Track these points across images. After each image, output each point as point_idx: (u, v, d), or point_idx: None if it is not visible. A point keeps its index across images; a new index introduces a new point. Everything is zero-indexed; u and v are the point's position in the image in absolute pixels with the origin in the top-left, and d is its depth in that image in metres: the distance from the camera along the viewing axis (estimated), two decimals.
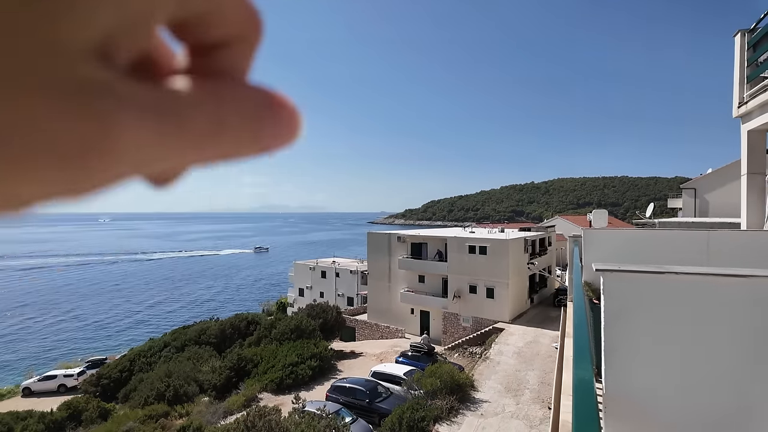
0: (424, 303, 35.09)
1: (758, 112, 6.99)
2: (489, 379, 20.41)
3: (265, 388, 23.57)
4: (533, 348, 24.81)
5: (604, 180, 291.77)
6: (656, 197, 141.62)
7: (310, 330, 29.75)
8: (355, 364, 27.76)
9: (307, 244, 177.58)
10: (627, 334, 1.88)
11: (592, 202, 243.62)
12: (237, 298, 77.24)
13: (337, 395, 20.49)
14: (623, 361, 1.87)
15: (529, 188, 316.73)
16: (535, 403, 17.83)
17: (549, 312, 33.35)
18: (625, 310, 1.87)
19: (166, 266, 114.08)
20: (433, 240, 35.98)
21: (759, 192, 7.30)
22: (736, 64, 7.57)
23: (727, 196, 25.34)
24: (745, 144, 7.46)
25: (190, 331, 36.84)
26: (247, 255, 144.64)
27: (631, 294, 1.88)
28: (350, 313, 40.79)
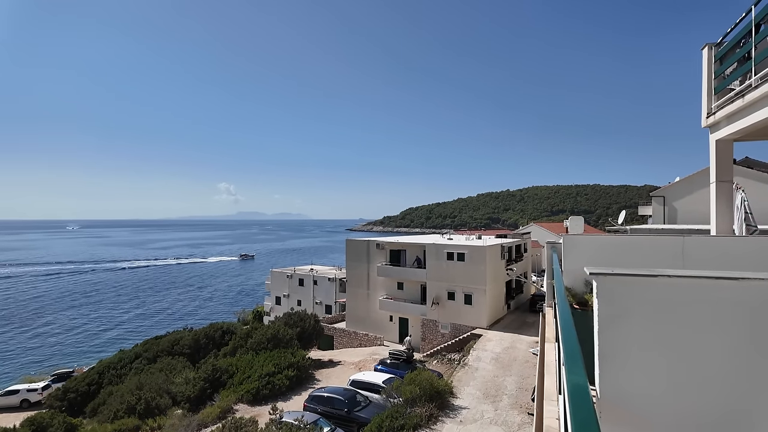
0: (402, 310, 35.04)
1: (725, 123, 7.29)
2: (468, 386, 20.45)
3: (241, 399, 23.00)
4: (511, 353, 25.03)
5: (576, 188, 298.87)
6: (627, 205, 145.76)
7: (288, 339, 29.25)
8: (334, 372, 27.42)
9: (287, 252, 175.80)
10: (621, 338, 1.89)
11: (566, 209, 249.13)
12: (211, 307, 75.49)
13: (315, 405, 20.16)
14: (618, 366, 1.88)
15: (504, 196, 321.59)
16: (513, 408, 17.94)
17: (525, 317, 33.79)
18: (620, 314, 1.89)
19: (140, 275, 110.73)
20: (411, 247, 36.05)
21: (727, 199, 7.60)
22: (704, 76, 7.89)
23: (693, 203, 26.34)
24: (714, 153, 7.76)
25: (162, 341, 35.74)
26: (232, 262, 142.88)
27: (625, 298, 1.89)
28: (328, 321, 40.37)
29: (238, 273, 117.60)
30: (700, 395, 1.84)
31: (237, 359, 27.80)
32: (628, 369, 1.91)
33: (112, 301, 79.25)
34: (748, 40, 6.51)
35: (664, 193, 29.24)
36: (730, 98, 7.11)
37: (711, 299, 1.82)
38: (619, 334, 1.93)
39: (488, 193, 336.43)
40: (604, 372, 1.94)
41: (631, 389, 1.90)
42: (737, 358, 1.81)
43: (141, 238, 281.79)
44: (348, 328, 37.51)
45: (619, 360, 1.92)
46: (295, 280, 50.43)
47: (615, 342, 1.93)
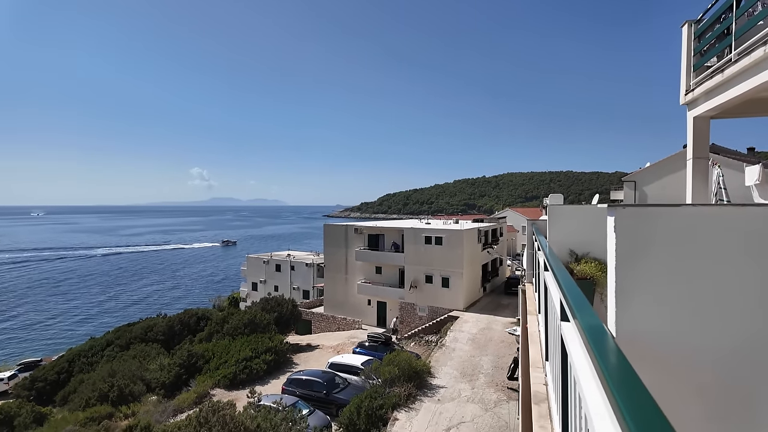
0: (381, 294, 35.15)
1: (703, 99, 7.38)
2: (445, 366, 20.73)
3: (217, 384, 22.74)
4: (487, 334, 25.48)
5: (550, 174, 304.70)
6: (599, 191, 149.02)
7: (265, 324, 28.97)
8: (312, 356, 27.38)
9: (266, 238, 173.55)
10: (640, 273, 1.81)
11: (539, 195, 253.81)
12: (186, 294, 74.16)
13: (294, 388, 20.10)
14: (636, 302, 1.81)
15: (480, 182, 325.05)
16: (489, 386, 18.29)
17: (501, 300, 34.43)
18: (638, 248, 1.80)
19: (112, 263, 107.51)
20: (390, 231, 36.06)
21: (703, 176, 7.75)
22: (683, 54, 7.95)
23: (663, 188, 27.06)
24: (691, 130, 7.88)
25: (135, 328, 34.91)
26: (213, 248, 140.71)
27: (645, 231, 1.81)
28: (306, 306, 40.19)
29: (213, 259, 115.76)
30: (721, 328, 1.78)
31: (213, 345, 27.42)
32: (649, 306, 1.83)
33: (82, 289, 76.85)
34: (728, 15, 6.56)
35: (635, 178, 29.93)
36: (709, 74, 7.19)
37: (737, 229, 1.76)
38: (638, 269, 1.85)
39: (465, 180, 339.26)
40: (622, 311, 1.85)
41: (649, 325, 1.83)
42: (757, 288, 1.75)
43: (111, 225, 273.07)
44: (326, 313, 37.46)
45: (639, 297, 1.84)
46: (272, 266, 49.91)
47: (633, 277, 1.85)
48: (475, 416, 15.73)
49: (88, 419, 20.76)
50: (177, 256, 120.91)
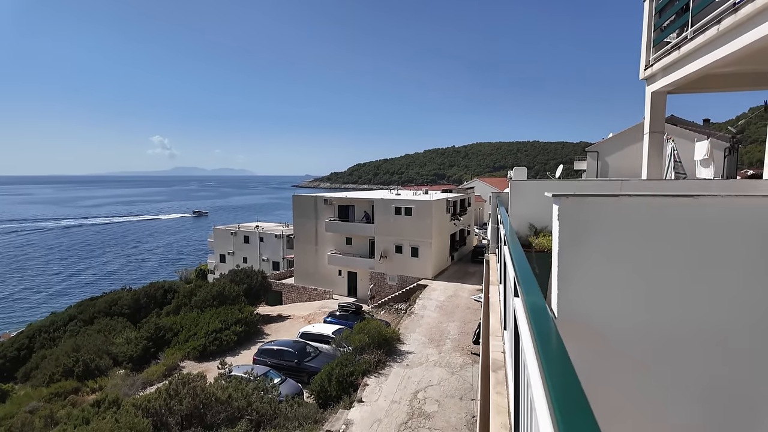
0: (351, 264, 35.43)
1: (661, 75, 7.62)
2: (414, 332, 21.36)
3: (187, 356, 22.69)
4: (454, 301, 26.29)
5: (517, 144, 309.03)
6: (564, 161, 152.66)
7: (234, 296, 28.82)
8: (283, 327, 27.59)
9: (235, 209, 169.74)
10: (580, 258, 1.94)
11: (507, 165, 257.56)
12: (150, 267, 72.44)
13: (265, 358, 20.31)
14: (576, 285, 1.95)
15: (450, 152, 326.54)
16: (455, 351, 19.04)
17: (468, 268, 35.39)
18: (579, 234, 1.93)
19: (72, 236, 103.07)
20: (360, 202, 36.02)
21: (658, 149, 8.09)
22: (644, 29, 8.12)
23: (624, 158, 28.03)
24: (649, 104, 8.16)
25: (99, 302, 34.04)
26: (184, 219, 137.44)
27: (585, 218, 1.94)
28: (276, 277, 40.10)
29: (180, 231, 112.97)
30: (654, 309, 1.97)
31: (181, 317, 27.16)
32: (586, 287, 1.99)
33: (41, 263, 73.75)
34: None
35: (598, 149, 30.81)
36: (666, 51, 7.39)
37: (667, 217, 1.91)
38: (578, 254, 1.98)
39: (434, 150, 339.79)
40: (563, 292, 2.00)
41: (588, 308, 1.99)
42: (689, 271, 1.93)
43: (68, 195, 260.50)
44: (296, 284, 37.55)
45: (578, 280, 1.99)
46: (240, 238, 49.22)
47: (574, 262, 1.99)
48: (441, 379, 16.41)
49: (53, 395, 20.42)
50: (143, 228, 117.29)
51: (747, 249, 1.90)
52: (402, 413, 14.10)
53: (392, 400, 14.99)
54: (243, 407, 14.46)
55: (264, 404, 14.79)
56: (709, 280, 1.93)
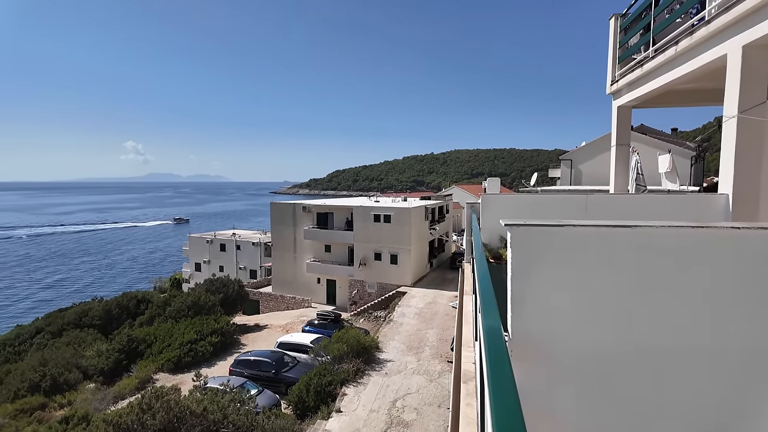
0: (330, 272, 35.28)
1: (626, 90, 7.94)
2: (392, 340, 21.39)
3: (161, 368, 22.13)
4: (432, 308, 26.44)
5: (494, 152, 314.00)
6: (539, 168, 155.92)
7: (210, 305, 28.28)
8: (260, 336, 27.22)
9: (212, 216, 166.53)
10: (531, 283, 2.06)
11: (484, 172, 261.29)
12: (123, 276, 70.49)
13: (242, 369, 19.99)
14: (528, 308, 2.06)
15: (429, 159, 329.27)
16: (434, 358, 19.14)
17: (446, 274, 35.68)
18: (530, 261, 2.05)
19: (40, 245, 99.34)
20: (339, 209, 35.97)
21: (624, 161, 8.41)
22: (610, 46, 8.47)
23: (596, 166, 28.84)
24: (615, 118, 8.48)
25: (68, 313, 32.91)
26: (165, 226, 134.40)
27: (535, 246, 2.06)
28: (253, 286, 39.56)
29: (157, 239, 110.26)
30: (599, 330, 2.11)
31: (155, 328, 26.49)
32: (537, 310, 2.11)
33: (5, 274, 70.76)
34: (648, 13, 7.04)
35: (572, 157, 31.63)
36: (631, 67, 7.72)
37: (608, 245, 2.06)
38: (529, 279, 2.10)
39: (414, 156, 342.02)
40: (516, 314, 2.11)
41: (539, 330, 2.11)
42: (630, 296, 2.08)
43: (36, 203, 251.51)
44: (274, 292, 37.11)
45: (529, 302, 2.11)
46: (216, 246, 48.40)
47: (525, 286, 2.11)
48: (420, 387, 16.47)
49: (18, 411, 19.59)
50: (120, 236, 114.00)
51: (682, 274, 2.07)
52: (381, 422, 14.09)
53: (371, 409, 14.96)
54: (219, 420, 14.17)
55: (240, 416, 14.53)
56: (648, 304, 2.08)
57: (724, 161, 5.20)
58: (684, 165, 25.04)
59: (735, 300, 2.07)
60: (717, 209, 5.17)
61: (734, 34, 4.98)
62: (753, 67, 4.85)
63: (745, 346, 2.09)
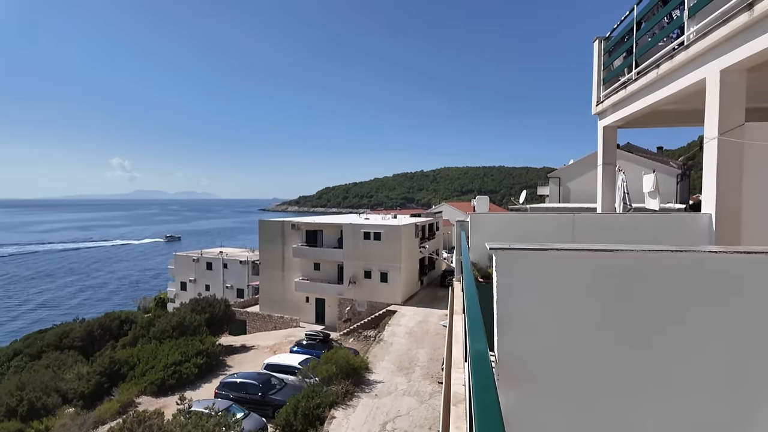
0: (319, 291, 34.93)
1: (611, 111, 8.11)
2: (383, 360, 21.10)
3: (143, 391, 21.51)
4: (423, 327, 26.24)
5: (484, 169, 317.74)
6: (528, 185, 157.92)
7: (195, 326, 27.73)
8: (247, 357, 26.68)
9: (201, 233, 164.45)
10: (516, 306, 2.07)
11: (474, 189, 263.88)
12: (107, 296, 68.98)
13: (227, 391, 19.52)
14: (514, 332, 2.06)
15: (418, 176, 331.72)
16: (425, 379, 18.90)
17: (437, 292, 35.54)
18: (515, 284, 2.06)
19: (20, 264, 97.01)
20: (328, 227, 35.84)
21: (610, 180, 8.54)
22: (594, 68, 8.68)
23: (584, 184, 29.23)
24: (601, 138, 8.64)
25: (48, 335, 32.02)
26: (156, 244, 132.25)
27: (520, 269, 2.07)
28: (240, 305, 38.96)
29: (148, 257, 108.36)
30: (583, 353, 2.13)
31: (138, 349, 25.85)
32: (522, 334, 2.12)
33: None
34: (631, 36, 7.24)
35: (560, 175, 32.05)
36: (615, 89, 7.90)
37: (591, 268, 2.09)
38: (515, 302, 2.11)
39: (403, 174, 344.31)
40: (502, 337, 2.12)
41: (525, 352, 2.11)
42: (612, 319, 2.11)
43: (18, 220, 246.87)
44: (262, 312, 36.55)
45: (514, 326, 2.12)
46: (203, 264, 47.74)
47: (511, 309, 2.12)
48: (410, 409, 16.20)
49: None
50: (109, 255, 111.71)
51: (662, 297, 2.11)
52: None
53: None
54: None
55: None
56: (631, 326, 2.12)
57: (706, 181, 5.29)
58: (670, 183, 25.60)
59: (715, 323, 2.12)
60: (701, 228, 5.23)
61: (712, 58, 5.13)
62: (731, 90, 4.99)
63: (726, 370, 2.14)
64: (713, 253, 2.18)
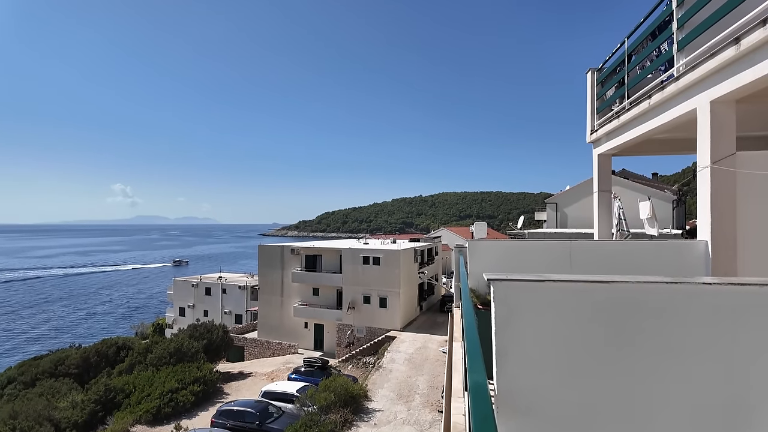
0: (318, 316, 34.60)
1: (605, 139, 8.28)
2: (382, 388, 20.74)
3: (139, 420, 21.02)
4: (423, 353, 25.88)
5: (482, 195, 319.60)
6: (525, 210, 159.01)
7: (193, 352, 27.32)
8: (244, 385, 26.20)
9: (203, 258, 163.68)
10: (514, 337, 2.09)
11: (472, 214, 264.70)
12: (104, 322, 68.13)
13: (224, 420, 19.10)
14: (512, 363, 2.07)
15: (417, 201, 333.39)
16: (425, 407, 18.54)
17: (436, 318, 35.21)
18: (513, 315, 2.08)
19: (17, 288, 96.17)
20: (327, 252, 35.78)
21: (606, 207, 8.64)
22: (588, 97, 8.90)
23: (581, 209, 29.41)
24: (596, 166, 8.79)
25: (43, 362, 31.44)
26: (163, 269, 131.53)
27: (517, 300, 2.10)
28: (238, 331, 38.49)
29: (155, 281, 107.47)
30: (581, 384, 2.13)
31: (134, 377, 25.38)
32: (522, 365, 2.13)
33: None
34: (622, 68, 7.47)
35: (557, 200, 32.26)
36: (608, 118, 8.10)
37: (587, 299, 2.12)
38: (513, 333, 2.14)
39: (402, 198, 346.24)
40: (501, 369, 2.13)
41: (523, 383, 2.12)
42: (611, 351, 2.12)
43: (18, 246, 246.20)
44: (260, 338, 36.09)
45: (513, 357, 2.13)
46: (201, 289, 47.40)
47: (509, 341, 2.13)
48: None
49: None
50: (113, 279, 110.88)
51: (660, 329, 2.13)
52: None
53: None
54: None
55: None
56: (629, 358, 2.13)
57: (701, 209, 5.38)
58: (666, 209, 25.78)
59: (713, 356, 2.13)
60: (697, 256, 5.29)
61: (702, 90, 5.30)
62: (721, 120, 5.13)
63: (725, 402, 2.13)
64: (709, 285, 2.22)
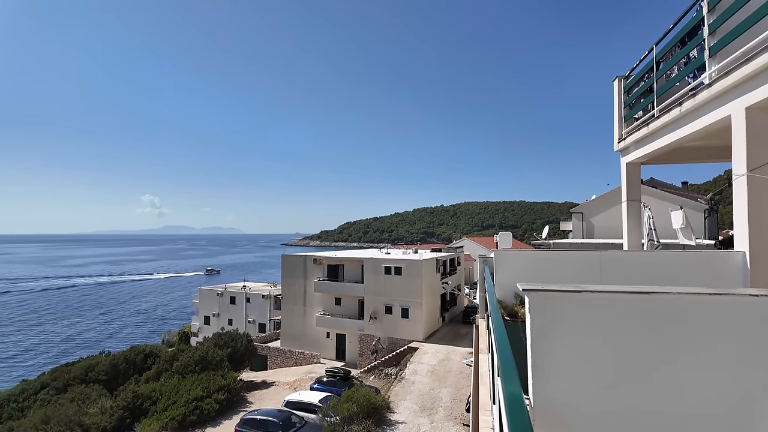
0: (340, 326, 34.64)
1: (634, 148, 8.10)
2: (404, 400, 20.54)
3: (165, 427, 21.37)
4: (446, 365, 25.55)
5: (504, 204, 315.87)
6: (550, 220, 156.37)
7: (217, 361, 27.72)
8: (267, 394, 26.37)
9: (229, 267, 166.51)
10: (551, 348, 2.05)
11: (495, 224, 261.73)
12: (132, 330, 69.81)
13: (248, 429, 19.24)
14: (549, 375, 2.04)
15: (439, 211, 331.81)
16: (448, 420, 18.25)
17: (459, 329, 34.76)
18: (549, 326, 2.06)
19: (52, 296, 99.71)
20: (349, 262, 35.90)
21: (636, 216, 8.42)
22: (615, 106, 8.74)
23: (608, 219, 28.72)
24: (624, 175, 8.60)
25: (75, 368, 32.38)
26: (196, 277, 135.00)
27: (554, 311, 2.07)
28: (262, 340, 38.86)
29: (166, 291, 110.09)
30: (620, 397, 2.07)
31: (161, 384, 25.87)
32: (558, 377, 2.09)
33: (16, 326, 70.65)
34: (650, 75, 7.33)
35: (583, 210, 31.60)
36: (637, 126, 7.93)
37: (626, 310, 2.07)
38: (549, 344, 2.10)
39: (424, 208, 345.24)
40: (537, 381, 2.09)
41: (561, 396, 2.07)
42: (650, 362, 2.07)
43: (54, 255, 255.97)
44: (283, 347, 36.35)
45: (550, 369, 2.09)
46: (226, 298, 48.15)
47: (545, 352, 2.10)
48: None
49: None
50: (146, 288, 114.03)
51: (701, 341, 2.07)
52: None
53: None
54: None
55: None
56: (669, 371, 2.07)
57: (738, 218, 5.19)
58: (697, 218, 24.96)
59: (758, 369, 2.05)
60: (734, 267, 5.10)
61: (736, 96, 5.15)
62: (757, 127, 4.97)
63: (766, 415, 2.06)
64: (755, 297, 2.13)
